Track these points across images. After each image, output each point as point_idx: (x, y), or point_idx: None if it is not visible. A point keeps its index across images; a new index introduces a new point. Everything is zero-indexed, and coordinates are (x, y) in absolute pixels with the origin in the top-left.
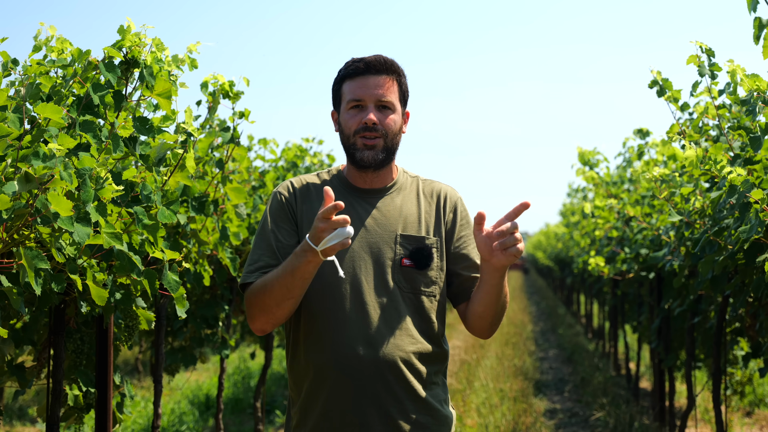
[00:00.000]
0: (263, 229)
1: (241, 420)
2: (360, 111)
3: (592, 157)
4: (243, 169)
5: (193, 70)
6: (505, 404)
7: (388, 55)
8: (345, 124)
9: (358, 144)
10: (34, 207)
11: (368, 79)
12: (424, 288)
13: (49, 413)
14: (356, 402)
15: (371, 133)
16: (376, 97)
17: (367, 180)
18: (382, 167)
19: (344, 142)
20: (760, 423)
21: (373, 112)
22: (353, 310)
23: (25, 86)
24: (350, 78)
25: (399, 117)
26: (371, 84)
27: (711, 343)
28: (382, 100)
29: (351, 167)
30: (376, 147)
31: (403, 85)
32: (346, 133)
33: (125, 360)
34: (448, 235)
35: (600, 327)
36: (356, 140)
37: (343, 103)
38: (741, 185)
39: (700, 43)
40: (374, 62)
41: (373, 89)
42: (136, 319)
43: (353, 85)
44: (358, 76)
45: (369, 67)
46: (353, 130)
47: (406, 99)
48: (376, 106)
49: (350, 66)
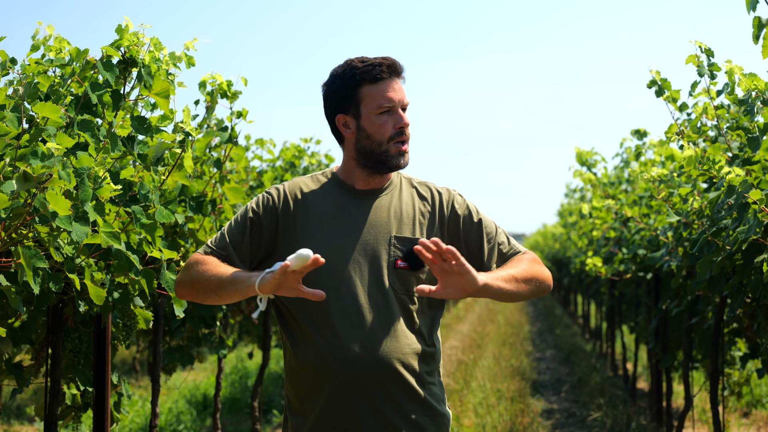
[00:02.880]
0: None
1: (238, 419)
2: (390, 115)
3: (589, 157)
4: (241, 169)
5: (191, 67)
6: (502, 404)
7: (388, 55)
8: (377, 131)
9: (392, 150)
10: (33, 206)
11: (395, 82)
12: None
13: (47, 412)
14: (353, 403)
15: (404, 137)
16: (403, 100)
17: (370, 182)
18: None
19: (374, 149)
20: (757, 424)
21: (403, 115)
22: (348, 311)
23: (24, 85)
24: (371, 82)
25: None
26: (397, 88)
27: (708, 343)
28: (406, 102)
29: (356, 169)
30: (407, 153)
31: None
32: (377, 140)
33: (123, 359)
34: (451, 231)
35: (597, 327)
36: (390, 147)
37: (367, 108)
38: (739, 186)
39: (700, 43)
40: (394, 66)
41: (399, 92)
42: (134, 318)
43: (380, 89)
44: (381, 80)
45: (392, 70)
46: (388, 135)
47: None
48: (402, 109)
49: (369, 70)
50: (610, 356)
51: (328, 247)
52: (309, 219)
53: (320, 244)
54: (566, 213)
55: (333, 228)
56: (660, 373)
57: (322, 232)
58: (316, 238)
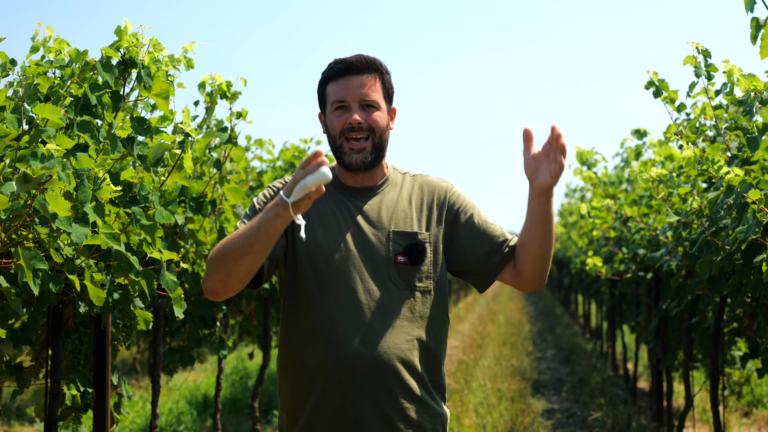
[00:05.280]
0: (251, 210)
1: (238, 420)
2: (345, 112)
3: (590, 156)
4: (240, 170)
5: (189, 69)
6: (502, 404)
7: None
8: (330, 126)
9: (345, 148)
10: (33, 207)
11: (350, 79)
12: (418, 283)
13: (47, 413)
14: (352, 400)
15: (357, 133)
16: (360, 96)
17: (357, 179)
18: (371, 168)
19: (332, 144)
20: (758, 423)
21: (357, 112)
22: (348, 308)
23: (23, 87)
24: (333, 79)
25: (384, 114)
26: (354, 84)
27: (709, 343)
28: (366, 99)
29: (341, 168)
30: (364, 150)
31: (387, 82)
32: (332, 135)
33: (123, 360)
34: (451, 223)
35: (598, 327)
36: (342, 143)
37: (328, 105)
38: (738, 185)
39: (697, 44)
40: (355, 62)
41: (356, 89)
42: (134, 319)
43: (336, 87)
44: (340, 77)
45: (350, 67)
46: (338, 131)
47: (391, 96)
48: (360, 106)
49: (332, 68)
50: (610, 356)
51: (326, 243)
52: (309, 215)
53: (319, 240)
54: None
55: (331, 225)
56: (660, 373)
57: (321, 229)
58: (314, 234)
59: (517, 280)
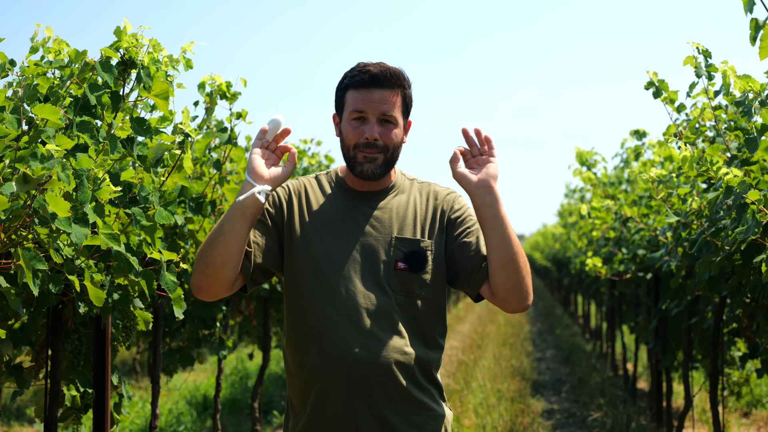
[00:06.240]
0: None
1: (238, 420)
2: (362, 123)
3: (589, 157)
4: (240, 170)
5: (189, 70)
6: (502, 405)
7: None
8: (346, 135)
9: (359, 158)
10: (32, 208)
11: (373, 92)
12: (417, 291)
13: (47, 414)
14: (349, 404)
15: (371, 149)
16: (380, 111)
17: (365, 184)
18: (380, 178)
19: (344, 152)
20: (757, 423)
21: (375, 126)
22: (346, 312)
23: (23, 87)
24: (354, 88)
25: (401, 130)
26: (375, 98)
27: (708, 343)
28: (386, 115)
29: (348, 172)
30: (376, 161)
31: (407, 97)
32: (346, 144)
33: (123, 360)
34: (449, 232)
35: (597, 327)
36: (356, 153)
37: (346, 111)
38: (738, 186)
39: (697, 44)
40: (380, 76)
41: (377, 104)
42: (133, 319)
43: (357, 96)
44: (362, 87)
45: (374, 80)
46: (353, 142)
47: (409, 110)
48: (379, 121)
49: (355, 76)
50: (610, 356)
51: (328, 246)
52: (310, 218)
53: (320, 243)
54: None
55: (334, 228)
56: (660, 373)
57: (323, 232)
58: (316, 237)
59: (495, 299)
